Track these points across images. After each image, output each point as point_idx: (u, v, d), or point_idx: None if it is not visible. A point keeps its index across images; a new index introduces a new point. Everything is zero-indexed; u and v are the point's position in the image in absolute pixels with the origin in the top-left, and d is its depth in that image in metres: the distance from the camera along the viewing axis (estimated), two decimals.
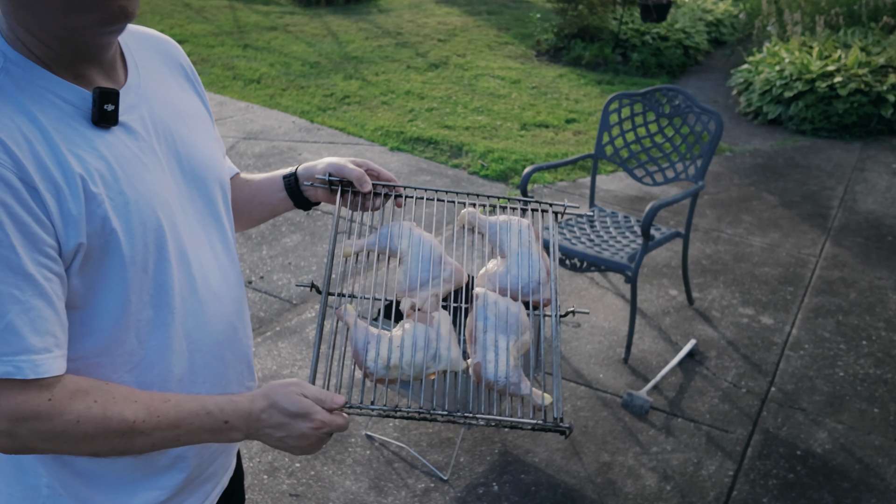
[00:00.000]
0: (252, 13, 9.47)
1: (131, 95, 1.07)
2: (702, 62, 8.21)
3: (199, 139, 1.19)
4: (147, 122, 1.08)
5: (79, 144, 0.98)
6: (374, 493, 2.58)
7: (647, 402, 2.96)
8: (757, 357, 3.32)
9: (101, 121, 1.00)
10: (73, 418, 0.97)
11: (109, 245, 1.00)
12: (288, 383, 1.10)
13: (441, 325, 1.24)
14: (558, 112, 6.35)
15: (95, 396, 0.99)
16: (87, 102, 1.00)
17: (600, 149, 3.71)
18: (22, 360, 0.93)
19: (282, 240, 4.19)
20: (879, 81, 6.04)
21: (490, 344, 1.23)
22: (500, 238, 1.38)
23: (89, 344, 1.04)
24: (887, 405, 3.04)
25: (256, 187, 1.40)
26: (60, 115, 0.98)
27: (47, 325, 0.95)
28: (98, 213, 0.98)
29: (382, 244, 1.35)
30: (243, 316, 1.27)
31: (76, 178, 0.96)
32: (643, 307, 3.66)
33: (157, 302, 1.07)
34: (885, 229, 4.51)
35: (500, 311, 1.26)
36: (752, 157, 5.62)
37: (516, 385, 1.22)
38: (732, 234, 4.42)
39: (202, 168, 1.17)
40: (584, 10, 7.93)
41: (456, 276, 1.33)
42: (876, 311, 3.67)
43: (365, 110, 6.31)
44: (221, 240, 1.21)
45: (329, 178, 1.35)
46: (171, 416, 1.03)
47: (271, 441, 1.10)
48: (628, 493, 2.61)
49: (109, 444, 1.01)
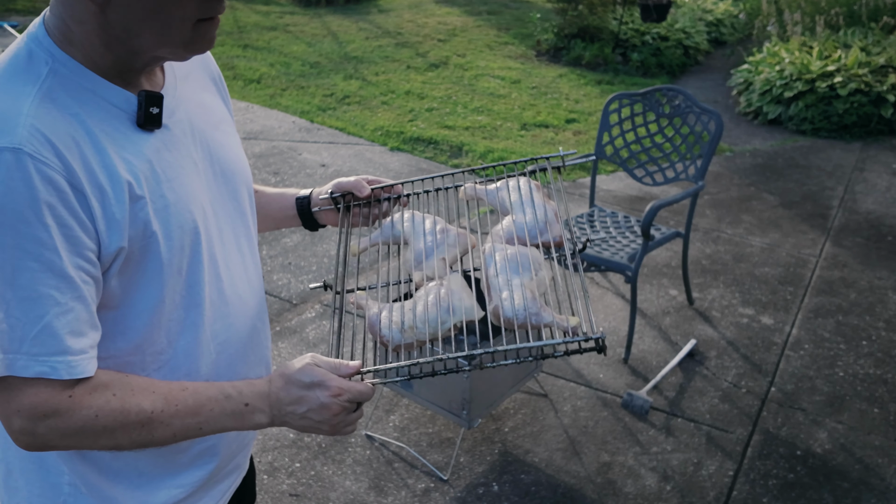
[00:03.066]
0: (252, 13, 9.47)
1: (170, 98, 1.08)
2: (702, 62, 8.21)
3: (229, 143, 1.21)
4: (185, 125, 1.10)
5: (125, 147, 0.99)
6: (374, 493, 2.58)
7: (647, 402, 2.96)
8: (757, 357, 3.32)
9: (147, 123, 1.01)
10: (91, 413, 0.97)
11: (149, 247, 1.01)
12: (301, 358, 1.10)
13: (452, 281, 1.22)
14: (558, 112, 6.36)
15: (114, 390, 0.99)
16: (132, 105, 1.01)
17: (600, 149, 3.71)
18: (57, 361, 0.94)
19: (282, 240, 4.19)
20: (879, 81, 6.04)
21: (504, 285, 1.19)
22: (501, 198, 1.38)
23: (121, 343, 1.05)
24: (887, 405, 3.04)
25: (267, 200, 1.43)
26: (106, 118, 0.98)
27: (83, 328, 0.96)
28: (141, 217, 0.99)
29: (386, 235, 1.38)
30: (264, 318, 1.29)
31: (122, 182, 0.96)
32: (643, 307, 3.66)
33: (189, 303, 1.08)
34: (885, 229, 4.51)
35: (509, 255, 1.24)
36: (752, 157, 5.62)
37: (537, 315, 1.15)
38: (732, 234, 4.42)
39: (232, 170, 1.19)
40: (584, 10, 7.93)
41: (461, 239, 1.33)
42: (876, 311, 3.67)
43: (365, 110, 6.31)
44: (248, 241, 1.23)
45: (332, 195, 1.40)
46: (190, 403, 1.03)
47: (296, 421, 1.08)
48: (628, 493, 2.61)
49: (129, 437, 1.01)
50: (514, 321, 1.15)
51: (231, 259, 1.16)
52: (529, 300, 1.16)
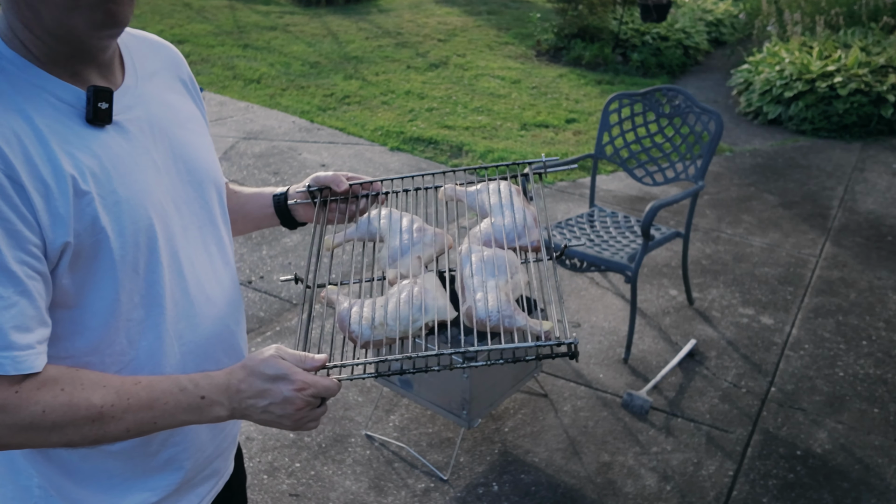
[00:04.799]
0: (252, 13, 9.47)
1: (128, 96, 1.08)
2: (702, 62, 8.20)
3: (196, 142, 1.19)
4: (143, 123, 1.09)
5: (72, 143, 0.98)
6: (374, 493, 2.58)
7: (647, 402, 2.96)
8: (757, 357, 3.32)
9: (96, 119, 1.01)
10: (38, 409, 0.95)
11: (99, 244, 1.00)
12: (265, 350, 1.08)
13: (426, 280, 1.21)
14: (558, 112, 6.35)
15: (62, 385, 0.98)
16: (81, 101, 1.01)
17: (600, 149, 3.71)
18: (3, 357, 0.93)
19: (282, 240, 4.19)
20: (879, 81, 6.04)
21: (478, 286, 1.18)
22: (481, 200, 1.37)
23: (79, 343, 1.04)
24: (887, 405, 3.04)
25: (244, 200, 1.42)
26: (55, 114, 0.98)
27: (29, 323, 0.95)
28: (87, 212, 0.98)
29: (362, 232, 1.37)
30: (239, 318, 1.27)
31: (66, 177, 0.96)
32: (643, 307, 3.66)
33: (148, 302, 1.07)
34: (885, 229, 4.51)
35: (485, 256, 1.23)
36: (752, 157, 5.62)
37: (510, 318, 1.14)
38: (732, 234, 4.42)
39: (199, 171, 1.18)
40: (584, 10, 7.93)
41: (437, 238, 1.32)
42: (876, 311, 3.67)
43: (365, 110, 6.31)
44: (217, 242, 1.21)
45: (309, 189, 1.39)
46: (143, 397, 1.01)
47: (257, 415, 1.05)
48: (628, 493, 2.60)
49: (80, 433, 0.99)
50: (486, 323, 1.14)
51: (197, 259, 1.14)
52: (503, 302, 1.15)
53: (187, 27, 8.67)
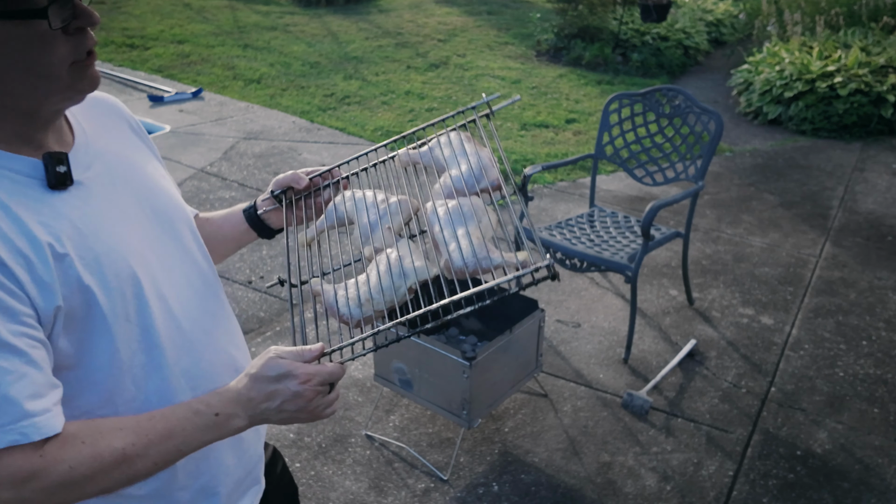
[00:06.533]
0: (252, 13, 9.47)
1: (81, 154, 1.09)
2: (702, 62, 8.21)
3: (158, 184, 1.21)
4: (104, 178, 1.10)
5: (40, 211, 0.99)
6: (374, 493, 2.58)
7: (647, 402, 2.96)
8: (757, 357, 3.32)
9: (58, 184, 1.02)
10: (66, 467, 0.97)
11: (88, 302, 1.01)
12: (263, 354, 1.10)
13: (400, 247, 1.22)
14: (558, 112, 6.35)
15: (83, 437, 0.99)
16: (38, 170, 1.02)
17: (600, 149, 3.71)
18: (24, 426, 0.94)
19: (281, 240, 4.17)
20: (879, 81, 6.04)
21: (450, 237, 1.19)
22: (436, 157, 1.38)
23: (90, 399, 1.06)
24: (887, 405, 3.04)
25: (218, 224, 1.43)
26: (15, 187, 0.99)
27: (41, 390, 0.96)
28: (70, 274, 0.99)
29: (331, 220, 1.38)
30: (239, 344, 1.29)
31: (42, 245, 0.97)
32: (643, 307, 3.66)
33: (146, 347, 1.09)
34: (885, 229, 4.51)
35: (450, 208, 1.23)
36: (752, 157, 5.62)
37: (486, 258, 1.14)
38: (732, 234, 4.42)
39: (167, 211, 1.20)
40: (584, 10, 7.93)
41: (403, 205, 1.33)
42: (876, 312, 3.67)
43: (365, 110, 6.31)
44: (199, 275, 1.23)
45: (273, 194, 1.40)
46: (160, 429, 1.03)
47: (275, 416, 1.08)
48: (628, 493, 2.61)
49: (111, 478, 1.01)
50: (465, 270, 1.14)
51: (183, 296, 1.16)
52: (477, 246, 1.16)
53: (187, 27, 8.67)
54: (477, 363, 2.51)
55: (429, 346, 2.59)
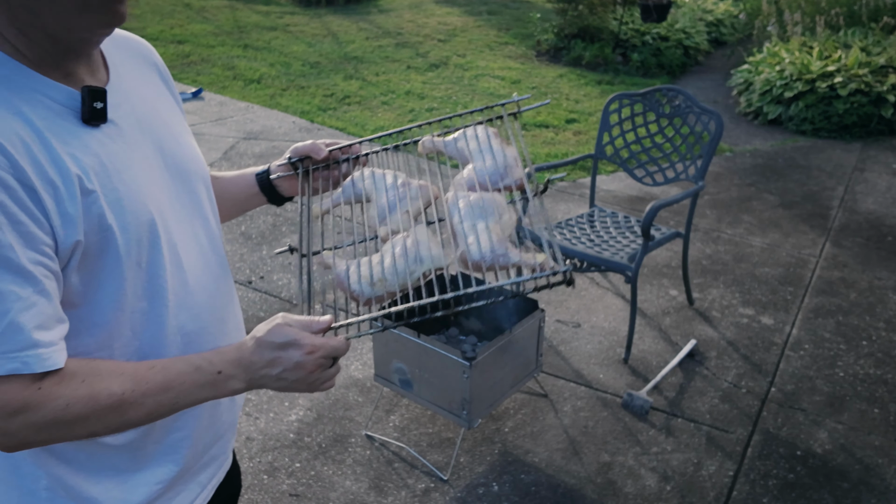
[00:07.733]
0: (252, 13, 9.47)
1: (115, 94, 1.08)
2: (702, 62, 8.21)
3: (179, 135, 1.20)
4: (132, 119, 1.09)
5: (71, 143, 0.99)
6: (374, 493, 2.58)
7: (647, 403, 2.96)
8: (757, 357, 3.32)
9: (92, 119, 1.01)
10: (62, 403, 0.96)
11: (106, 241, 1.01)
12: (272, 319, 1.09)
13: (417, 232, 1.21)
14: (558, 112, 6.36)
15: (82, 377, 0.99)
16: (76, 101, 1.01)
17: (600, 149, 3.71)
18: (28, 356, 0.93)
19: (282, 240, 4.19)
20: (879, 82, 6.04)
21: (469, 230, 1.18)
22: (460, 148, 1.38)
23: (87, 339, 1.05)
24: (887, 405, 3.04)
25: (227, 184, 1.42)
26: (51, 115, 0.98)
27: (49, 322, 0.96)
28: (94, 210, 0.99)
29: (348, 195, 1.37)
30: (235, 311, 1.29)
31: (73, 177, 0.96)
32: (643, 307, 3.66)
33: (151, 294, 1.08)
34: (885, 229, 4.51)
35: (472, 201, 1.23)
36: (752, 157, 5.62)
37: (504, 256, 1.14)
38: (732, 234, 4.42)
39: (186, 164, 1.18)
40: (584, 10, 7.93)
41: (423, 191, 1.32)
42: (876, 312, 3.67)
43: (365, 110, 6.31)
44: (207, 234, 1.22)
45: (290, 160, 1.38)
46: (159, 380, 1.03)
47: (273, 383, 1.08)
48: (628, 493, 2.61)
49: (102, 423, 1.00)
50: (482, 264, 1.14)
51: (192, 253, 1.16)
52: (496, 242, 1.16)
53: (187, 27, 8.67)
54: (477, 363, 2.51)
55: (429, 346, 2.59)
